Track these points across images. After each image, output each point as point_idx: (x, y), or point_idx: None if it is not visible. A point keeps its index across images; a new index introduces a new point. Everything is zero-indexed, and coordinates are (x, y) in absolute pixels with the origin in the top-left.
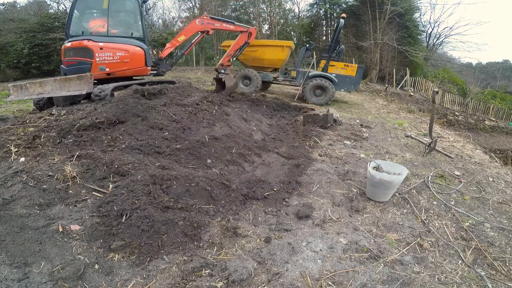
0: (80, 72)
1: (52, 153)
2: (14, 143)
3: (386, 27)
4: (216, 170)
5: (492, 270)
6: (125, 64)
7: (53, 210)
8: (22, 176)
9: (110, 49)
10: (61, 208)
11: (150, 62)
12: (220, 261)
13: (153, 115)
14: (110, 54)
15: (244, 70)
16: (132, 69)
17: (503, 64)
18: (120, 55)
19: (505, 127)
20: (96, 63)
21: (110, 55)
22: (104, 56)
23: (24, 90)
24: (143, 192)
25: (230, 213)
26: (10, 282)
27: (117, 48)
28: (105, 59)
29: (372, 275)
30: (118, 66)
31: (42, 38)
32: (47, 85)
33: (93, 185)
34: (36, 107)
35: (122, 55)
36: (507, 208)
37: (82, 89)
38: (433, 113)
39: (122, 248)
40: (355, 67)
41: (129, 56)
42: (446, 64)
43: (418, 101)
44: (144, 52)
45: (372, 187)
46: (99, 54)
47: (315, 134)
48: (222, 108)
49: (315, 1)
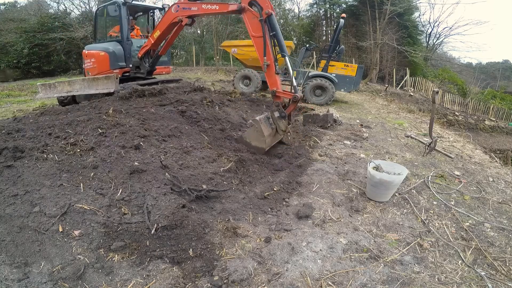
0: (84, 75)
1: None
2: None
3: (386, 27)
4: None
5: (492, 270)
6: (94, 69)
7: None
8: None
9: (88, 56)
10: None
11: (116, 65)
12: (220, 261)
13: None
14: (88, 60)
15: (244, 70)
16: (100, 72)
17: (503, 64)
18: (92, 61)
19: (505, 127)
20: (85, 68)
21: (89, 61)
22: (86, 63)
23: (53, 89)
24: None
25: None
26: (10, 282)
27: (90, 55)
28: (87, 65)
29: (372, 275)
30: (92, 70)
31: (42, 38)
32: (75, 84)
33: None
34: (61, 105)
35: (93, 60)
36: (507, 208)
37: (109, 88)
38: (433, 113)
39: (122, 248)
40: (355, 67)
41: (96, 61)
42: (446, 64)
43: (418, 101)
44: (108, 55)
45: (372, 187)
46: (85, 61)
47: (315, 134)
48: (222, 108)
49: (315, 1)
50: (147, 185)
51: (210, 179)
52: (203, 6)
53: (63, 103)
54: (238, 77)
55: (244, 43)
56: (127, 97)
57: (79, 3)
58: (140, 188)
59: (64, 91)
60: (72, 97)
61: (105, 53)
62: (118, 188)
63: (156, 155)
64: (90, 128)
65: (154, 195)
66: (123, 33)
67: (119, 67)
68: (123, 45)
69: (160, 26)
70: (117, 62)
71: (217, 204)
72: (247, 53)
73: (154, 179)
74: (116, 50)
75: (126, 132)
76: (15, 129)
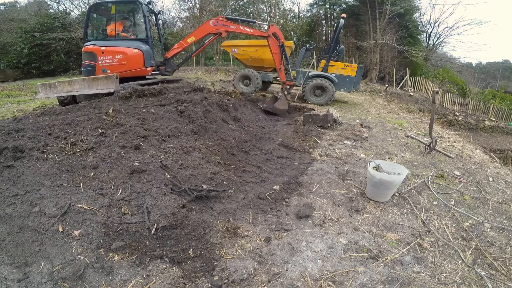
0: (91, 74)
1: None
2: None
3: (386, 27)
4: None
5: (492, 270)
6: (122, 66)
7: None
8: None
9: (110, 53)
10: None
11: (149, 63)
12: (220, 261)
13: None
14: (110, 57)
15: (244, 70)
16: (130, 70)
17: (503, 64)
18: (119, 58)
19: (505, 127)
20: (99, 65)
21: (110, 58)
22: (105, 59)
23: (53, 89)
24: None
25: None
26: (10, 282)
27: (115, 51)
28: (106, 62)
29: (372, 275)
30: (117, 68)
31: (42, 38)
32: (75, 84)
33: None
34: (61, 105)
35: (120, 58)
36: (507, 208)
37: (109, 88)
38: (433, 113)
39: (122, 248)
40: (355, 67)
41: (126, 58)
42: (446, 64)
43: (418, 101)
44: (142, 53)
45: (372, 187)
46: (101, 58)
47: (315, 134)
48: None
49: (315, 1)
50: (147, 185)
51: (210, 179)
52: (240, 27)
53: (63, 103)
54: (238, 77)
55: (244, 43)
56: (127, 97)
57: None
58: (140, 188)
59: (64, 91)
60: (72, 97)
61: (139, 51)
62: (118, 188)
63: (156, 155)
64: (90, 128)
65: (154, 195)
66: (149, 33)
67: (151, 65)
68: (150, 44)
69: (196, 34)
70: (150, 60)
71: (217, 204)
72: (247, 53)
73: (154, 179)
74: (147, 48)
75: (126, 132)
76: (15, 129)
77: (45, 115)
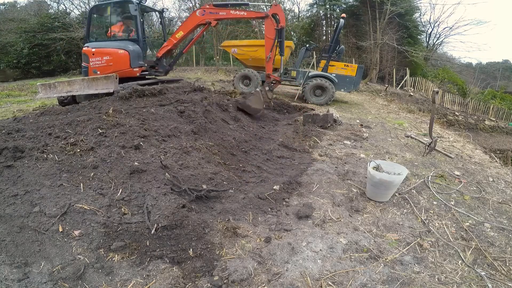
0: (86, 74)
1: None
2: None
3: (386, 27)
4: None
5: (492, 270)
6: (110, 67)
7: None
8: None
9: (99, 54)
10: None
11: (136, 63)
12: (220, 261)
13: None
14: (99, 59)
15: (244, 70)
16: (116, 71)
17: (503, 64)
18: (106, 59)
19: (505, 127)
20: (90, 67)
21: (99, 60)
22: (95, 61)
23: (53, 89)
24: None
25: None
26: (10, 282)
27: (104, 53)
28: (96, 63)
29: (372, 275)
30: (105, 69)
31: (42, 38)
32: (75, 84)
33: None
34: (61, 105)
35: (108, 59)
36: (507, 208)
37: (109, 88)
38: (433, 113)
39: (122, 248)
40: (355, 67)
41: (112, 59)
42: (446, 64)
43: (418, 101)
44: (128, 53)
45: (372, 187)
46: (92, 59)
47: (315, 134)
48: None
49: (315, 1)
50: (147, 185)
51: (210, 179)
52: (231, 12)
53: (63, 103)
54: (238, 77)
55: (244, 43)
56: (127, 97)
57: (79, 3)
58: (140, 188)
59: (64, 91)
60: (72, 97)
61: (125, 51)
62: (118, 188)
63: (156, 155)
64: (90, 128)
65: (154, 195)
66: (139, 33)
67: (139, 65)
68: (140, 44)
69: (184, 28)
70: (137, 60)
71: (217, 204)
72: (247, 53)
73: (154, 179)
74: (135, 48)
75: (126, 132)
76: (15, 129)
77: (45, 115)
